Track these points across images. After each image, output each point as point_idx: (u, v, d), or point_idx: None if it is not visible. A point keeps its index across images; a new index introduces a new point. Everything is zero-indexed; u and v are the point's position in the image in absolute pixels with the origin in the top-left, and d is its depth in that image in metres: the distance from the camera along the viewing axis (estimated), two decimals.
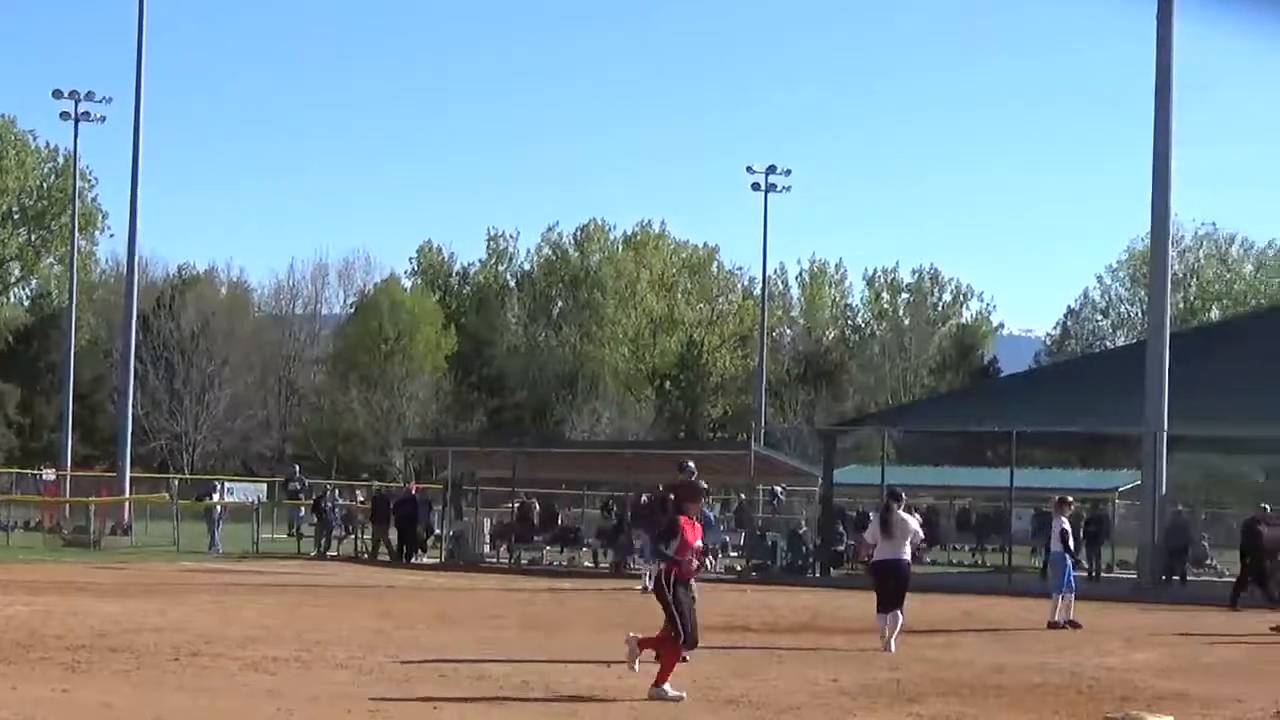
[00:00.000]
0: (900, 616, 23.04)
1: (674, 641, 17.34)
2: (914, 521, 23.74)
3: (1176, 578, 42.62)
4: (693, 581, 17.84)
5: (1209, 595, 38.38)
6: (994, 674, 20.32)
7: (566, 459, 55.31)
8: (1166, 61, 41.62)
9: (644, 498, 41.82)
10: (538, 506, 50.16)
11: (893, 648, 22.56)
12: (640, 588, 32.58)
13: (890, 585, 22.95)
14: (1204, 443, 50.95)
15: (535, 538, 48.93)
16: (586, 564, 47.64)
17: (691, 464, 29.18)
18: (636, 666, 17.61)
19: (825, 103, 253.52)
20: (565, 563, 48.03)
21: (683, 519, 17.50)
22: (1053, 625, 28.06)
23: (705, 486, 21.40)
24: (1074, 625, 27.97)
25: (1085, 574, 45.50)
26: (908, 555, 23.25)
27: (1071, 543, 29.33)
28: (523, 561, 47.24)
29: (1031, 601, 32.31)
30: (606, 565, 45.94)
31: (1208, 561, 47.49)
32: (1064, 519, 29.23)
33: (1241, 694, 18.83)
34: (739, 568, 45.79)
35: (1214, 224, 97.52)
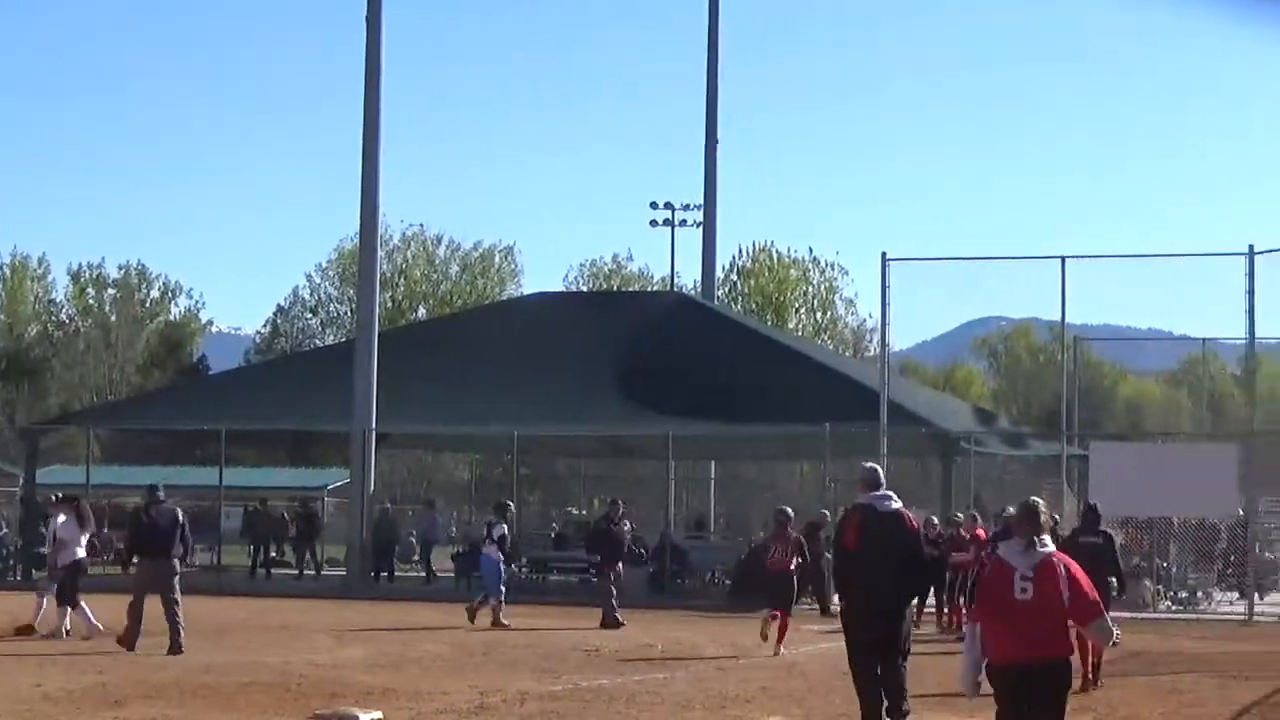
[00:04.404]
0: None
1: None
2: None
3: (385, 574, 43.22)
4: None
5: (418, 592, 39.32)
6: (202, 674, 20.11)
7: None
8: (376, 60, 41.83)
9: None
10: None
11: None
12: None
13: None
14: (412, 440, 52.03)
15: None
16: None
17: None
18: None
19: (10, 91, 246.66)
20: None
21: None
22: None
23: None
24: None
25: (295, 573, 45.79)
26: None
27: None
28: None
29: (242, 600, 32.20)
30: None
31: (414, 558, 48.17)
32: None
33: (446, 686, 19.30)
34: None
35: (422, 225, 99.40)
